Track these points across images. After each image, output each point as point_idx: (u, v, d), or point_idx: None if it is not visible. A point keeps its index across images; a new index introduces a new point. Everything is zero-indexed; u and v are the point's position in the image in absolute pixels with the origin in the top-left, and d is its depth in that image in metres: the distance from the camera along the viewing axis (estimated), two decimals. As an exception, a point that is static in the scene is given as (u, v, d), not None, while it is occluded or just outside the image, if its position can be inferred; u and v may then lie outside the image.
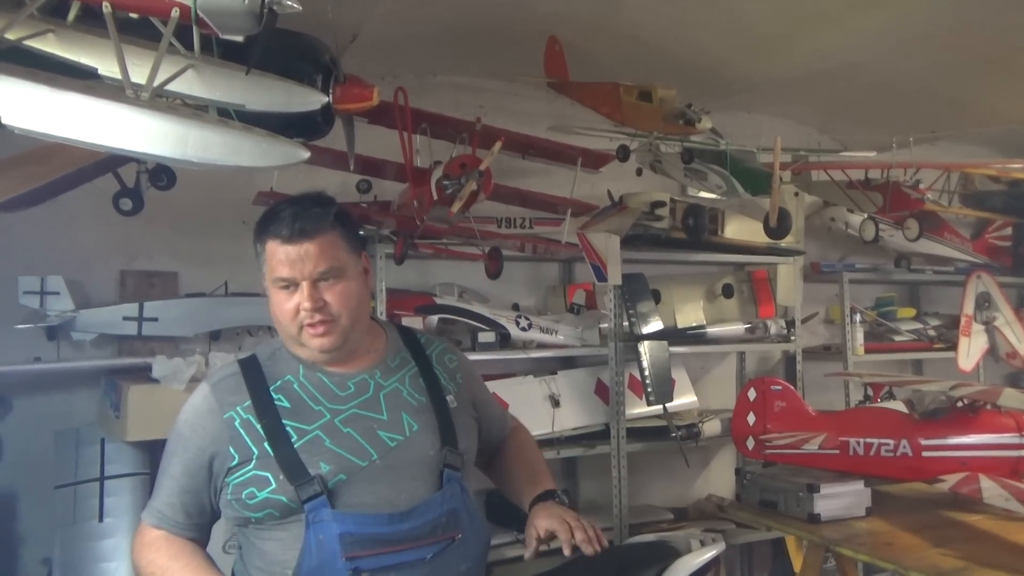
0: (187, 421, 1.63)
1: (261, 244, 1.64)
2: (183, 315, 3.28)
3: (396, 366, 1.70)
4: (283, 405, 1.58)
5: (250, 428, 1.56)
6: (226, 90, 1.77)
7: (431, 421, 1.64)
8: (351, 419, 1.58)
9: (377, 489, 1.53)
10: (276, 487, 1.51)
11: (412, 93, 3.01)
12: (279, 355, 1.67)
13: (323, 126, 2.14)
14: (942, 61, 3.82)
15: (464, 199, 2.86)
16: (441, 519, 1.56)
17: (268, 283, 1.64)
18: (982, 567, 2.15)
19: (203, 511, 1.62)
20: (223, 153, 1.64)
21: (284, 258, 1.59)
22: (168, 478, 1.61)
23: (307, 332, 1.60)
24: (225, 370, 1.67)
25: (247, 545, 1.61)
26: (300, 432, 1.55)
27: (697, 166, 3.63)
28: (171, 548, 1.58)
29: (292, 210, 1.63)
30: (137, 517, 3.03)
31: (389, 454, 1.57)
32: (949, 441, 2.82)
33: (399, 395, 1.65)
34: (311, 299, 1.58)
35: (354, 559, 1.47)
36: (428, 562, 1.52)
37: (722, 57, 3.80)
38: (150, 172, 2.96)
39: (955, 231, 4.91)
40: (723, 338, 4.20)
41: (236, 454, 1.54)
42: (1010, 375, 5.24)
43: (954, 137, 4.66)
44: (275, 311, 1.63)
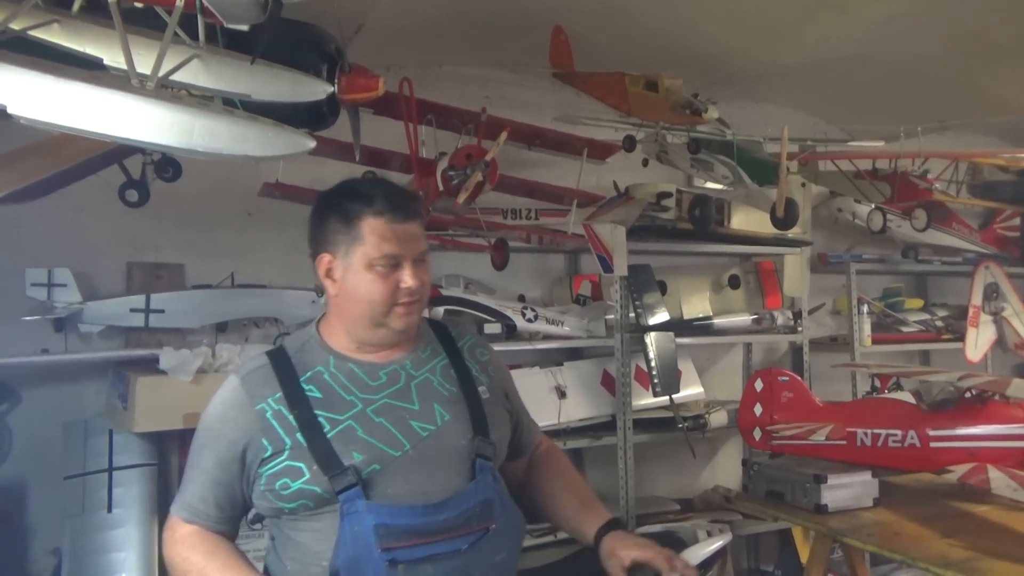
0: (217, 414, 1.61)
1: (355, 219, 1.57)
2: (190, 307, 3.29)
3: (427, 356, 1.68)
4: (314, 396, 1.56)
5: (282, 419, 1.54)
6: (231, 80, 1.77)
7: (462, 411, 1.62)
8: (383, 409, 1.57)
9: (411, 479, 1.52)
10: (310, 477, 1.50)
11: (417, 84, 3.00)
12: (309, 346, 1.65)
13: (328, 116, 2.13)
14: (951, 50, 3.79)
15: (470, 190, 2.86)
16: (475, 509, 1.55)
17: (357, 260, 1.57)
18: (990, 557, 2.15)
19: (235, 504, 1.59)
20: (229, 142, 1.63)
21: (392, 236, 1.56)
22: (199, 471, 1.59)
23: (398, 311, 1.58)
24: (253, 362, 1.65)
25: (280, 536, 1.60)
26: (332, 422, 1.53)
27: (704, 156, 3.62)
28: (205, 545, 1.56)
29: (387, 190, 1.63)
30: (145, 507, 3.11)
31: (421, 444, 1.55)
32: (957, 432, 2.81)
33: (430, 385, 1.63)
34: (416, 277, 1.58)
35: (390, 550, 1.46)
36: (463, 553, 1.51)
37: (729, 46, 3.78)
38: (156, 164, 2.96)
39: (963, 221, 4.87)
40: (729, 329, 4.19)
41: (269, 445, 1.53)
42: (1018, 366, 5.21)
43: (963, 127, 4.63)
44: (364, 290, 1.57)
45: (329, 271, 1.62)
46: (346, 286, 1.60)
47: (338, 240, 1.59)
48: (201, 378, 3.09)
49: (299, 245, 3.74)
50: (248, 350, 3.26)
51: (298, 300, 3.44)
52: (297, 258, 3.75)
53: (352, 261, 1.58)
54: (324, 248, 1.62)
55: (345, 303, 1.61)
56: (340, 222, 1.59)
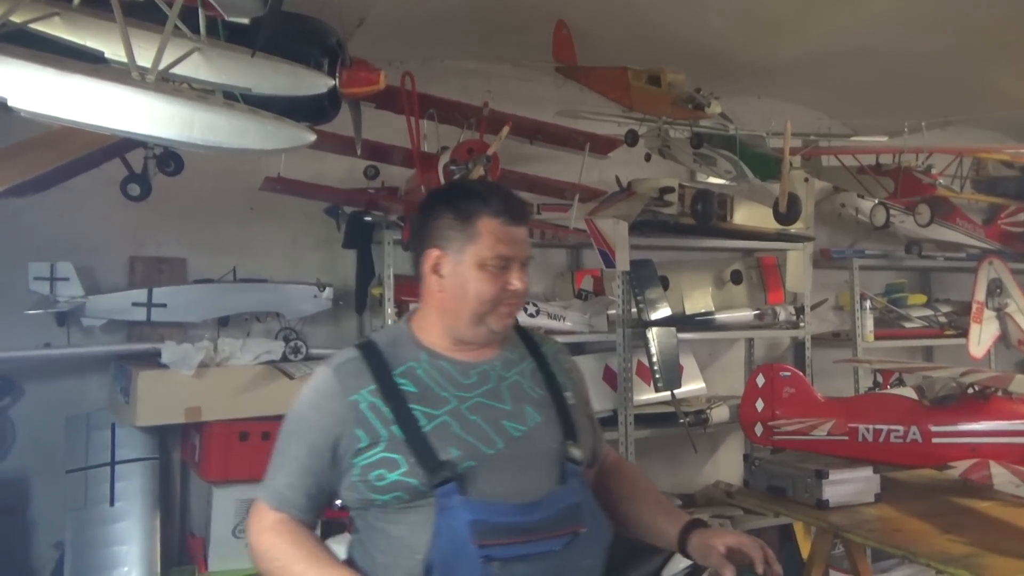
0: (310, 403, 1.60)
1: (473, 218, 1.59)
2: (192, 301, 3.29)
3: (515, 359, 1.68)
4: (409, 390, 1.56)
5: (377, 411, 1.54)
6: (232, 73, 1.76)
7: (552, 415, 1.63)
8: (477, 407, 1.57)
9: (504, 478, 1.52)
10: (407, 470, 1.49)
11: (420, 78, 3.00)
12: (401, 342, 1.64)
13: (330, 110, 2.12)
14: (955, 44, 3.77)
15: (471, 184, 2.85)
16: (566, 512, 1.54)
17: (469, 258, 1.58)
18: (991, 553, 2.15)
19: (322, 493, 1.59)
20: (229, 136, 1.63)
21: (507, 237, 1.59)
22: (289, 459, 1.58)
23: (500, 311, 1.61)
24: (345, 355, 1.64)
25: (368, 530, 1.58)
26: (428, 416, 1.53)
27: (706, 151, 3.61)
28: (292, 535, 1.56)
29: (502, 192, 1.65)
30: (147, 501, 3.12)
31: (514, 444, 1.55)
32: (959, 428, 2.81)
33: (520, 387, 1.64)
34: (523, 281, 1.61)
35: (485, 547, 1.45)
36: (556, 555, 1.51)
37: (732, 41, 3.77)
38: (158, 158, 2.96)
39: (967, 217, 4.85)
40: (731, 324, 4.19)
41: (364, 436, 1.52)
42: (1021, 362, 5.21)
43: (967, 122, 4.61)
44: (472, 288, 1.58)
45: (436, 266, 1.62)
46: (454, 282, 1.60)
47: (451, 236, 1.60)
48: (203, 372, 3.09)
49: (301, 239, 3.85)
50: (249, 344, 3.26)
51: (300, 294, 3.43)
52: (299, 252, 3.80)
53: (464, 258, 1.59)
54: (434, 243, 1.62)
55: (450, 299, 1.61)
56: (455, 219, 1.60)
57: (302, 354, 3.35)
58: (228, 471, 3.12)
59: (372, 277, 3.69)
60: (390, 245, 3.48)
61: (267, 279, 3.49)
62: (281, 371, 3.21)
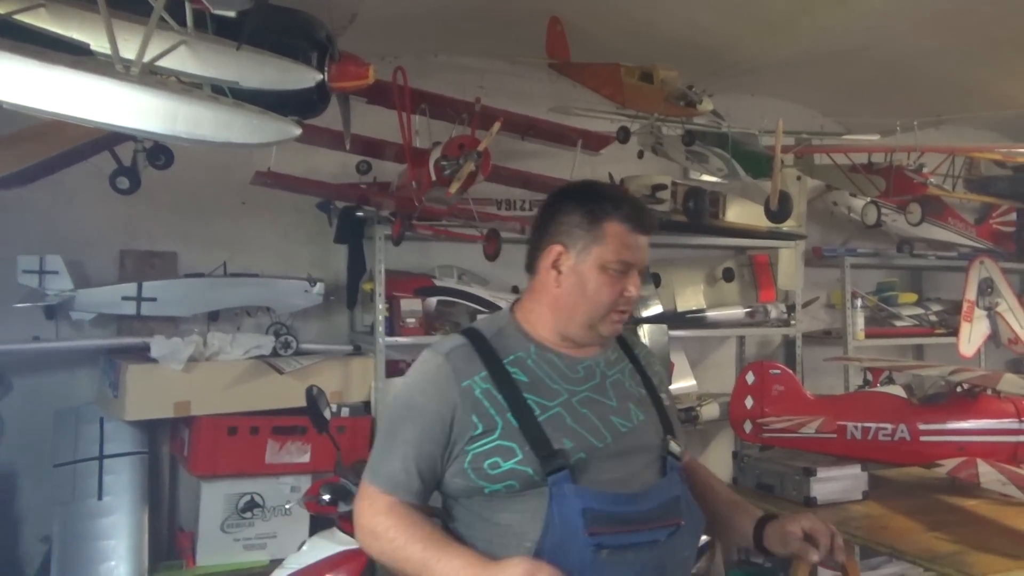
0: (421, 388, 1.59)
1: (601, 220, 1.60)
2: (182, 295, 3.28)
3: (615, 359, 1.71)
4: (521, 379, 1.57)
5: (492, 398, 1.54)
6: (219, 67, 1.75)
7: (653, 413, 1.67)
8: (586, 401, 1.59)
9: (611, 470, 1.54)
10: (522, 458, 1.49)
11: (413, 73, 2.99)
12: (507, 332, 1.65)
13: (318, 104, 2.11)
14: (948, 44, 3.77)
15: (462, 180, 2.85)
16: (669, 504, 1.57)
17: (592, 259, 1.60)
18: (977, 551, 2.15)
19: (434, 478, 1.57)
20: (213, 129, 1.62)
21: (632, 243, 1.61)
22: (401, 444, 1.56)
23: (613, 316, 1.63)
24: (453, 341, 1.64)
25: (470, 517, 1.57)
26: (542, 407, 1.54)
27: (698, 148, 3.61)
28: (410, 516, 1.54)
29: (631, 199, 1.68)
30: (135, 495, 3.11)
31: (621, 439, 1.58)
32: (948, 426, 2.82)
33: (622, 385, 1.67)
34: (639, 288, 1.64)
35: (596, 535, 1.46)
36: (661, 545, 1.53)
37: (726, 38, 3.77)
38: (147, 151, 2.95)
39: (959, 216, 4.87)
40: (723, 322, 4.19)
41: (479, 423, 1.52)
42: (1012, 361, 5.22)
43: (959, 121, 4.62)
44: (591, 289, 1.60)
45: (556, 262, 1.62)
46: (572, 281, 1.61)
47: (576, 235, 1.61)
48: (192, 367, 3.09)
49: (292, 234, 3.84)
50: (239, 339, 3.26)
51: (291, 289, 3.44)
52: (290, 247, 3.79)
53: (587, 258, 1.60)
54: (557, 239, 1.63)
55: (565, 296, 1.62)
56: (584, 218, 1.61)
57: (292, 349, 3.35)
58: (217, 466, 3.12)
59: (363, 272, 3.69)
60: (381, 240, 3.47)
61: (258, 274, 3.49)
62: (271, 366, 3.21)
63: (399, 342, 3.50)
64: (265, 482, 3.22)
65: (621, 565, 1.47)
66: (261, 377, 3.19)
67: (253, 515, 3.19)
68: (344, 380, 3.42)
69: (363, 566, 2.52)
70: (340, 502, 2.53)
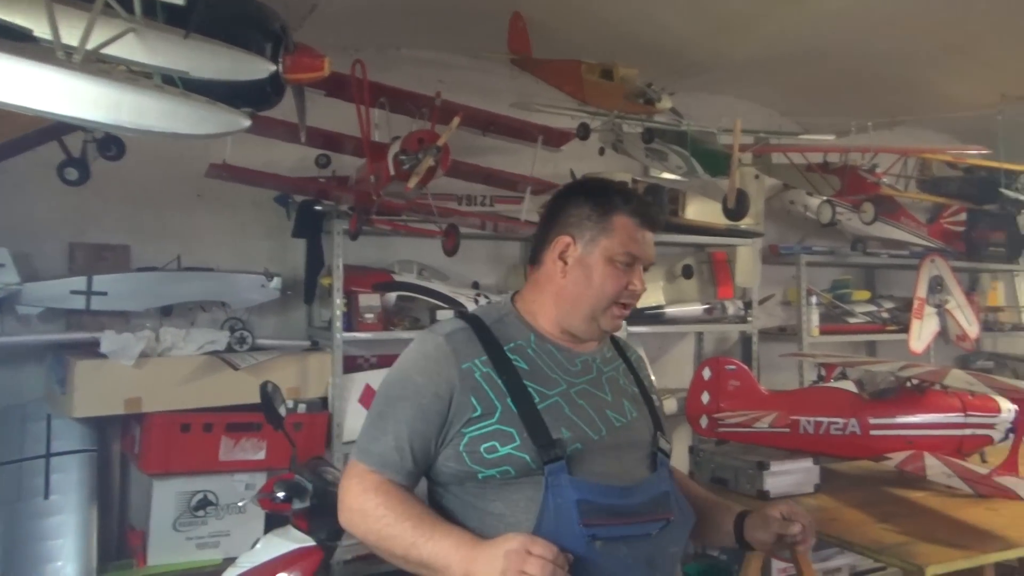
0: (419, 367, 1.56)
1: (610, 213, 1.62)
2: (134, 289, 3.21)
3: (610, 357, 1.73)
4: (521, 366, 1.56)
5: (492, 382, 1.53)
6: (169, 56, 1.71)
7: (645, 411, 1.69)
8: (583, 393, 1.60)
9: (606, 462, 1.55)
10: (520, 444, 1.48)
11: (374, 67, 2.96)
12: (508, 320, 1.65)
13: (273, 96, 2.08)
14: (903, 47, 3.86)
15: (421, 175, 2.83)
16: (660, 498, 1.58)
17: (599, 250, 1.61)
18: (923, 542, 2.20)
19: (427, 459, 1.54)
20: (159, 119, 1.58)
21: (639, 237, 1.62)
22: (396, 423, 1.53)
23: (614, 310, 1.63)
24: (452, 324, 1.62)
25: (461, 505, 1.55)
26: (541, 395, 1.54)
27: (658, 146, 3.64)
28: (400, 494, 1.51)
29: (644, 198, 1.71)
30: (84, 494, 3.04)
31: (616, 433, 1.59)
32: (896, 420, 2.88)
33: (617, 382, 1.68)
34: (643, 283, 1.64)
35: (590, 526, 1.46)
36: (652, 538, 1.54)
37: (686, 37, 3.80)
38: (98, 141, 2.88)
39: (911, 216, 4.98)
40: (682, 319, 4.23)
41: (478, 406, 1.50)
42: (959, 357, 5.37)
43: (912, 123, 4.72)
44: (599, 280, 1.61)
45: (563, 253, 1.63)
46: (577, 272, 1.63)
47: (585, 226, 1.62)
48: (144, 362, 3.03)
49: (249, 228, 3.79)
50: (193, 334, 3.20)
51: (247, 284, 3.39)
52: (247, 241, 3.73)
53: (594, 250, 1.62)
54: (566, 230, 1.64)
55: (570, 288, 1.63)
56: (594, 210, 1.63)
57: (248, 344, 3.30)
58: (169, 463, 3.07)
59: (321, 267, 3.65)
60: (340, 235, 3.44)
61: (213, 268, 3.43)
62: (226, 361, 3.16)
63: (357, 337, 3.47)
64: (219, 480, 3.17)
65: (614, 557, 1.47)
66: (215, 373, 3.14)
67: (206, 513, 3.14)
68: (301, 376, 3.38)
69: (317, 563, 2.49)
70: (295, 499, 2.50)
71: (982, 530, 2.27)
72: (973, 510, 2.44)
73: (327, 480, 2.56)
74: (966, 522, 2.36)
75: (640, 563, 1.51)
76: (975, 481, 2.58)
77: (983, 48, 3.83)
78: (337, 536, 2.53)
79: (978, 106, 4.24)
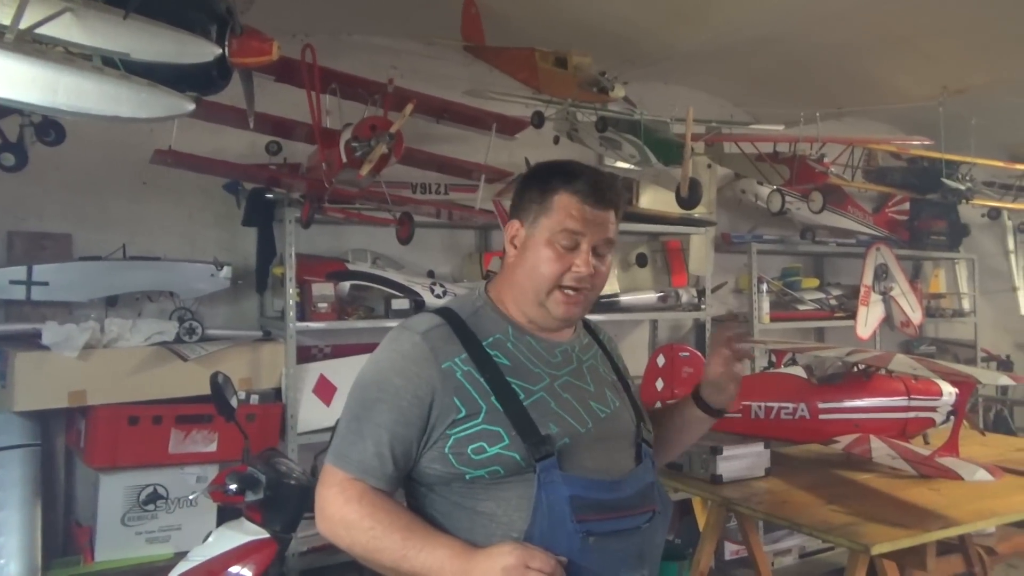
0: (397, 367, 1.49)
1: (550, 192, 1.56)
2: (77, 279, 3.12)
3: (586, 344, 1.68)
4: (502, 362, 1.51)
5: (474, 381, 1.48)
6: (109, 37, 1.65)
7: (626, 399, 1.65)
8: (567, 386, 1.56)
9: (594, 456, 1.51)
10: (509, 443, 1.44)
11: (326, 52, 2.91)
12: (483, 313, 1.59)
13: (219, 80, 2.03)
14: (849, 39, 3.93)
15: (373, 162, 2.80)
16: (646, 490, 1.55)
17: (540, 231, 1.55)
18: (869, 522, 2.26)
19: (408, 462, 1.48)
20: (98, 102, 1.53)
21: (579, 215, 1.54)
22: (375, 427, 1.46)
23: (559, 295, 1.55)
24: (428, 320, 1.56)
25: (449, 507, 1.49)
26: (526, 391, 1.50)
27: (611, 135, 3.65)
28: (385, 503, 1.45)
29: (597, 176, 1.60)
30: (27, 490, 2.96)
31: (601, 424, 1.55)
32: (844, 404, 2.93)
33: (597, 371, 1.65)
34: (587, 264, 1.54)
35: (584, 522, 1.44)
36: (641, 531, 1.52)
37: (639, 26, 3.82)
38: (36, 126, 2.78)
39: (858, 205, 5.10)
40: (636, 306, 4.27)
41: (462, 407, 1.45)
42: (904, 342, 5.53)
43: (859, 113, 4.82)
44: (537, 262, 1.55)
45: (513, 237, 1.60)
46: (524, 255, 1.58)
47: (530, 209, 1.58)
48: (88, 354, 2.95)
49: (198, 216, 3.71)
50: (140, 325, 3.13)
51: (195, 273, 3.31)
52: (196, 229, 3.65)
53: (535, 232, 1.56)
54: (516, 214, 1.61)
55: (518, 272, 1.59)
56: (537, 191, 1.58)
57: (197, 335, 3.23)
58: (116, 457, 3.00)
59: (273, 256, 3.59)
60: (292, 223, 3.38)
61: (160, 257, 3.35)
62: (174, 352, 3.09)
63: (311, 327, 3.42)
64: (169, 473, 3.11)
65: (606, 552, 1.46)
66: (164, 364, 3.07)
67: (156, 507, 3.08)
68: (254, 366, 3.32)
69: (272, 556, 2.46)
70: (248, 491, 2.46)
71: (925, 509, 2.33)
72: (916, 490, 2.50)
73: (281, 472, 2.52)
74: (910, 502, 2.42)
75: (631, 556, 1.50)
76: (918, 462, 2.65)
77: (925, 41, 3.93)
78: (292, 528, 2.50)
79: (920, 98, 4.35)
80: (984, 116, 4.51)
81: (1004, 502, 2.40)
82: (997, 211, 5.41)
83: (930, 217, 5.31)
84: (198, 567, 2.45)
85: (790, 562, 4.41)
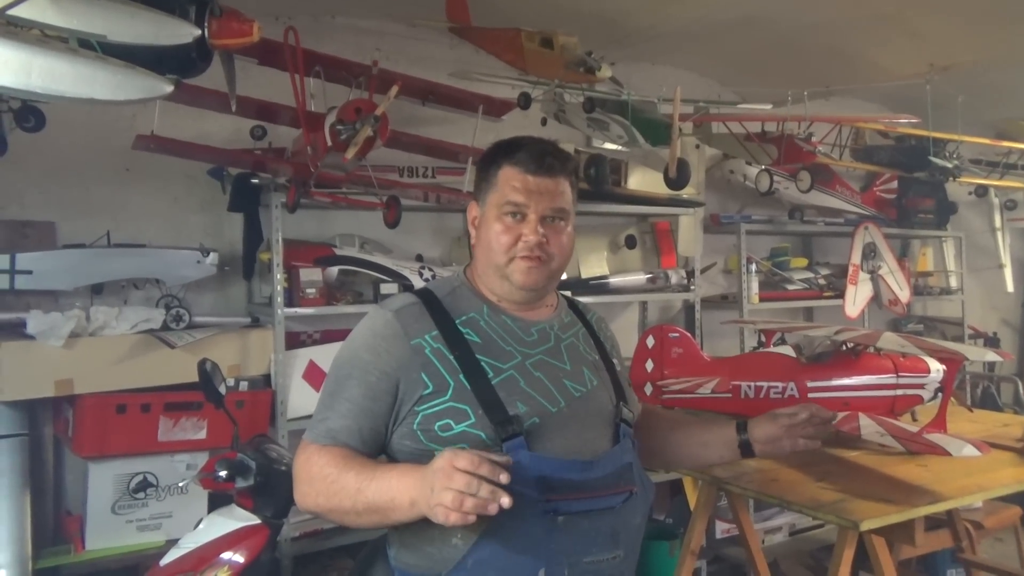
0: (367, 344, 1.52)
1: (495, 167, 1.60)
2: (61, 267, 3.08)
3: (568, 322, 1.69)
4: (473, 340, 1.53)
5: (443, 358, 1.49)
6: (84, 18, 1.62)
7: (606, 378, 1.66)
8: (540, 364, 1.56)
9: (566, 436, 1.51)
10: (475, 421, 1.45)
11: (309, 35, 2.87)
12: (460, 292, 1.62)
13: (199, 62, 2.00)
14: (837, 17, 3.91)
15: (359, 145, 2.77)
16: (622, 471, 1.55)
17: (490, 208, 1.59)
18: (858, 498, 2.27)
19: (377, 438, 1.51)
20: (74, 84, 1.50)
21: (521, 186, 1.56)
22: (344, 402, 1.49)
23: (517, 264, 1.58)
24: (402, 299, 1.59)
25: None
26: (495, 369, 1.51)
27: (599, 116, 3.63)
28: (344, 455, 1.46)
29: (540, 146, 1.62)
30: (16, 480, 2.94)
31: (574, 403, 1.55)
32: (833, 383, 2.95)
33: (576, 349, 1.65)
34: (535, 233, 1.56)
35: (552, 502, 1.44)
36: (615, 512, 1.52)
37: (625, 6, 3.79)
38: (14, 112, 2.73)
39: (846, 184, 5.11)
40: (626, 288, 4.27)
41: (429, 383, 1.47)
42: (892, 321, 5.56)
43: (846, 92, 4.81)
44: (489, 237, 1.58)
45: (474, 219, 1.65)
46: (480, 233, 1.62)
47: (481, 187, 1.63)
48: (74, 343, 2.92)
49: (182, 202, 3.68)
50: (126, 313, 3.10)
51: (181, 260, 3.28)
52: (181, 216, 3.62)
53: (486, 209, 1.60)
54: (475, 196, 1.66)
55: (478, 249, 1.63)
56: (485, 170, 1.63)
57: (184, 322, 3.21)
58: (105, 446, 2.98)
59: (260, 241, 3.56)
60: (279, 208, 3.35)
61: (145, 244, 3.32)
62: (161, 340, 3.07)
63: (299, 313, 3.40)
64: (159, 460, 3.09)
65: (576, 532, 1.47)
66: (151, 352, 3.05)
67: (146, 495, 3.07)
68: (242, 353, 3.31)
69: (263, 542, 2.46)
70: (238, 478, 2.46)
71: (913, 485, 2.35)
72: (905, 467, 2.52)
73: (271, 458, 2.52)
74: (898, 478, 2.44)
75: (603, 536, 1.51)
76: (906, 439, 2.67)
77: (911, 19, 3.91)
78: (283, 513, 2.50)
79: (907, 76, 4.34)
80: (971, 94, 4.51)
81: (991, 477, 2.42)
82: (984, 189, 5.43)
83: (918, 196, 5.32)
84: (190, 554, 2.45)
85: (780, 539, 4.45)
